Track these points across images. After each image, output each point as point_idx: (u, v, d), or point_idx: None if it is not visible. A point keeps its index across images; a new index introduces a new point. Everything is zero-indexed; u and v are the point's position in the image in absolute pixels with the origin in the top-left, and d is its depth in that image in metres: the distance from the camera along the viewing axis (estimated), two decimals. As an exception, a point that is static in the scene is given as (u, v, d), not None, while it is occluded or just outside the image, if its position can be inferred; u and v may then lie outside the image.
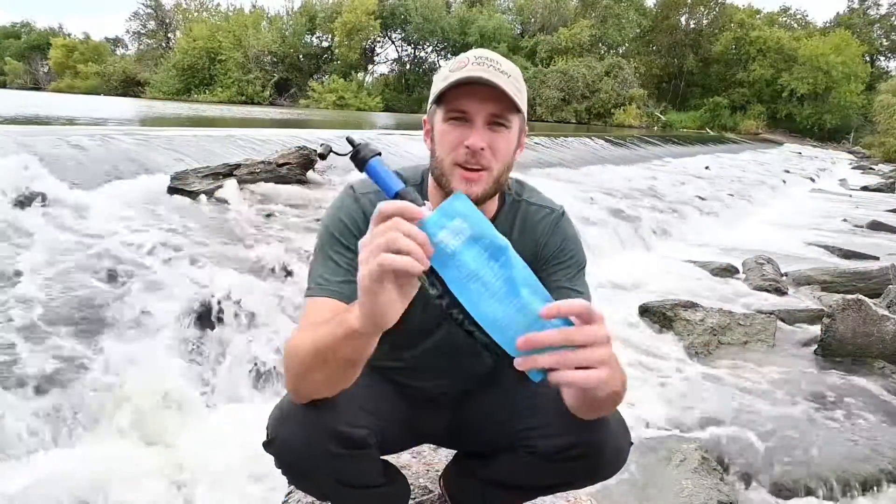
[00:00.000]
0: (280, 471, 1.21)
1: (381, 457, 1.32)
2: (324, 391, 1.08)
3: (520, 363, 0.84)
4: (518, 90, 1.14)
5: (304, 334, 1.06)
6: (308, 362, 1.02)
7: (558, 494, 1.66)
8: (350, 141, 0.89)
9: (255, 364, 3.00)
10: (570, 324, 0.84)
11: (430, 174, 1.24)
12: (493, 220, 1.28)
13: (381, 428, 1.22)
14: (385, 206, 0.84)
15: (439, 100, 1.15)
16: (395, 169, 1.31)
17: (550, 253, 1.30)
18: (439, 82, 1.15)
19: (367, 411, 1.20)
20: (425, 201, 0.87)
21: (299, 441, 1.12)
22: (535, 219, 1.31)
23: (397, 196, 0.87)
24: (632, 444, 1.27)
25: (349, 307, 0.95)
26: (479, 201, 1.16)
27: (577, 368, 0.84)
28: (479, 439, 1.40)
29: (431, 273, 0.83)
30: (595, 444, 1.20)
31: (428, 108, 1.22)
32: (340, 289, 1.14)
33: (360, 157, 0.87)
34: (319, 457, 1.13)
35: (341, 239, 1.20)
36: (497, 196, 1.26)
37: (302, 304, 3.44)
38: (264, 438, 1.17)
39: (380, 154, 0.87)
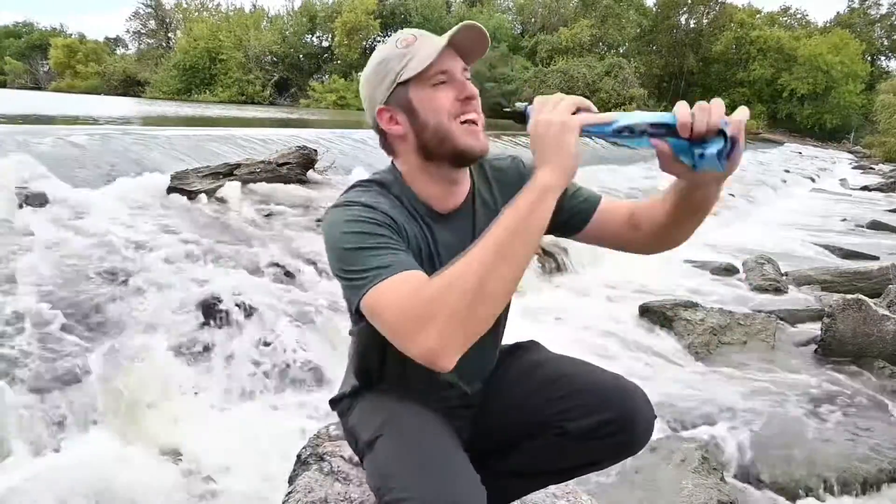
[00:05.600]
0: None
1: None
2: (511, 288, 1.00)
3: None
4: None
5: (427, 280, 0.99)
6: (484, 268, 0.95)
7: (558, 493, 1.66)
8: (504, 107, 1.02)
9: (255, 363, 3.00)
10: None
11: (402, 170, 1.20)
12: (472, 191, 1.26)
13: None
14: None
15: (409, 77, 1.13)
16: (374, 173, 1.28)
17: None
18: (404, 62, 1.12)
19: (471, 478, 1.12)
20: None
21: None
22: (503, 170, 1.33)
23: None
24: (656, 417, 1.30)
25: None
26: (486, 153, 1.18)
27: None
28: (503, 433, 1.36)
29: None
30: (629, 417, 1.23)
31: (381, 101, 1.16)
32: (410, 261, 1.05)
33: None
34: None
35: (379, 228, 1.09)
36: None
37: (306, 303, 3.45)
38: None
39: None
